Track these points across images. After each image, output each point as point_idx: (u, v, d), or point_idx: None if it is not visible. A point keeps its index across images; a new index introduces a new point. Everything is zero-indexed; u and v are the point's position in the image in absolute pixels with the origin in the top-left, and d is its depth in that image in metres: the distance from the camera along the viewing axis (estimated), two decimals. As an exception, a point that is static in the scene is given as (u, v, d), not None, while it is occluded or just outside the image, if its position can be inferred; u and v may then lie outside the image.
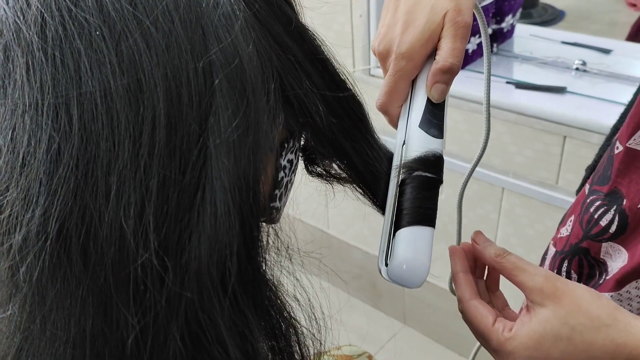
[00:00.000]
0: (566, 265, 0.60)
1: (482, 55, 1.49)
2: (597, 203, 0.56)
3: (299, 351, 0.39)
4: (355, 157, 0.45)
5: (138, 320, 0.30)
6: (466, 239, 0.60)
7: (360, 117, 0.44)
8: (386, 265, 0.46)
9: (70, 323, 0.30)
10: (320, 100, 0.39)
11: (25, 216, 0.28)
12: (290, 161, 0.40)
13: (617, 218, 0.54)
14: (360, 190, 0.48)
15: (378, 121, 0.51)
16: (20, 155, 0.28)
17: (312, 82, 0.38)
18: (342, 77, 0.42)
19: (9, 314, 0.32)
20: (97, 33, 0.29)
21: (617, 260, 0.55)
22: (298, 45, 0.37)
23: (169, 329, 0.31)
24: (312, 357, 0.41)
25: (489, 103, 0.56)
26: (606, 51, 1.46)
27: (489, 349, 0.49)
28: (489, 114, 0.56)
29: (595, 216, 0.56)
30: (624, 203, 0.53)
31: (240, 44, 0.32)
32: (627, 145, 0.52)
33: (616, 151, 0.54)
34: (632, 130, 0.52)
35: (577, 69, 1.38)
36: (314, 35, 0.39)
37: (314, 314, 0.41)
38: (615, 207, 0.54)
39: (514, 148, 1.33)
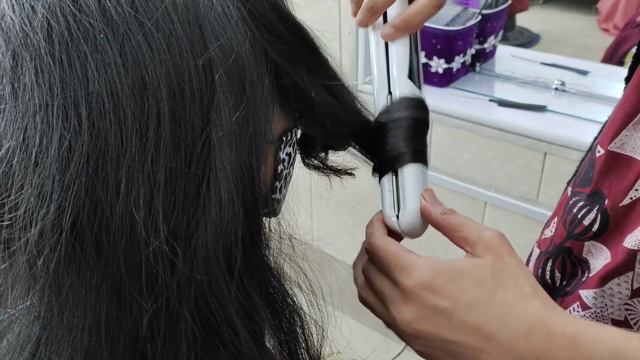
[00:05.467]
0: (550, 264, 0.63)
1: (466, 73, 1.54)
2: (580, 204, 0.59)
3: (302, 335, 0.41)
4: (346, 133, 0.48)
5: (151, 305, 0.32)
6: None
7: (350, 104, 0.47)
8: (397, 217, 0.50)
9: (85, 311, 0.32)
10: (318, 86, 0.41)
11: (41, 212, 0.29)
12: (288, 154, 0.42)
13: (599, 217, 0.56)
14: (359, 153, 0.51)
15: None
16: (33, 155, 0.29)
17: (309, 70, 0.40)
18: (333, 67, 0.45)
19: (28, 304, 0.33)
20: (102, 36, 0.30)
21: (598, 258, 0.57)
22: (294, 34, 0.39)
23: (180, 313, 0.32)
24: (315, 343, 0.43)
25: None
26: (584, 72, 1.51)
27: (394, 288, 0.46)
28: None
29: (579, 216, 0.58)
30: (606, 203, 0.55)
31: (236, 41, 0.34)
32: (609, 148, 0.55)
33: (597, 154, 0.57)
34: (613, 134, 0.55)
35: (556, 88, 1.43)
36: (306, 27, 0.42)
37: (316, 301, 0.43)
38: (597, 207, 0.56)
39: (496, 163, 1.37)
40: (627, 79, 0.60)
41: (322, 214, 1.86)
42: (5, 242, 0.31)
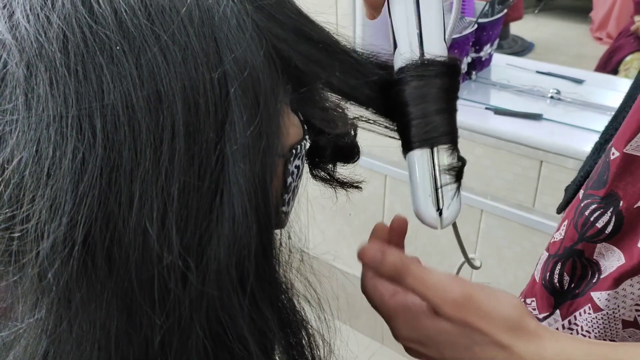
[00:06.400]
0: (559, 267, 0.63)
1: (462, 81, 1.54)
2: (593, 206, 0.59)
3: (309, 350, 0.41)
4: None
5: (163, 320, 0.31)
6: (446, 257, 0.62)
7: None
8: (440, 214, 0.46)
9: (95, 325, 0.32)
10: (353, 81, 0.41)
11: (52, 224, 0.29)
12: (297, 167, 0.42)
13: (613, 219, 0.57)
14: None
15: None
16: (46, 167, 0.29)
17: (342, 65, 0.40)
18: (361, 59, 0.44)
19: (36, 318, 0.33)
20: (118, 48, 0.30)
21: (609, 259, 0.57)
22: (320, 34, 0.39)
23: (191, 328, 0.32)
24: (322, 358, 0.42)
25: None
26: (579, 81, 1.53)
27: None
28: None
29: (592, 219, 0.59)
30: (621, 204, 0.56)
31: (250, 53, 0.33)
32: (624, 151, 0.55)
33: (612, 157, 0.57)
34: (629, 137, 0.55)
35: (551, 97, 1.44)
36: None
37: (323, 315, 0.43)
38: (612, 209, 0.57)
39: (492, 171, 1.38)
40: None
41: (318, 221, 1.86)
42: (16, 255, 0.31)
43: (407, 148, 0.46)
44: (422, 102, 0.44)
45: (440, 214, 0.46)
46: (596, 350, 0.42)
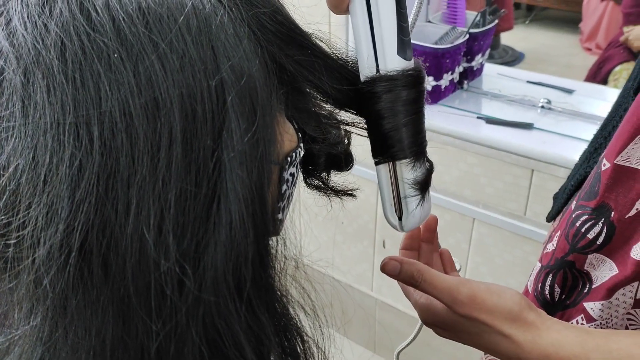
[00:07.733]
0: (550, 279, 0.63)
1: (454, 90, 1.56)
2: (584, 217, 0.60)
3: (304, 357, 0.41)
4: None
5: (160, 327, 0.31)
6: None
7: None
8: (400, 219, 0.50)
9: (91, 332, 0.31)
10: (341, 86, 0.42)
11: (49, 231, 0.29)
12: (292, 174, 0.42)
13: (604, 230, 0.57)
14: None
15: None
16: (42, 174, 0.29)
17: (328, 70, 0.41)
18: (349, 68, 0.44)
19: (31, 325, 0.32)
20: (116, 55, 0.30)
21: (600, 269, 0.58)
22: (307, 41, 0.40)
23: (187, 335, 0.32)
24: None
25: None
26: (569, 91, 1.54)
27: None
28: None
29: (582, 230, 0.59)
30: (612, 215, 0.56)
31: (247, 61, 0.34)
32: (615, 162, 0.56)
33: (603, 168, 0.58)
34: (619, 148, 0.55)
35: (542, 106, 1.45)
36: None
37: (318, 323, 0.43)
38: (603, 220, 0.57)
39: (484, 180, 1.39)
40: (636, 91, 0.61)
41: (310, 229, 1.86)
42: (11, 261, 0.31)
43: (374, 160, 0.49)
44: (383, 118, 0.45)
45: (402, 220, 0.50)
46: (590, 340, 0.48)
